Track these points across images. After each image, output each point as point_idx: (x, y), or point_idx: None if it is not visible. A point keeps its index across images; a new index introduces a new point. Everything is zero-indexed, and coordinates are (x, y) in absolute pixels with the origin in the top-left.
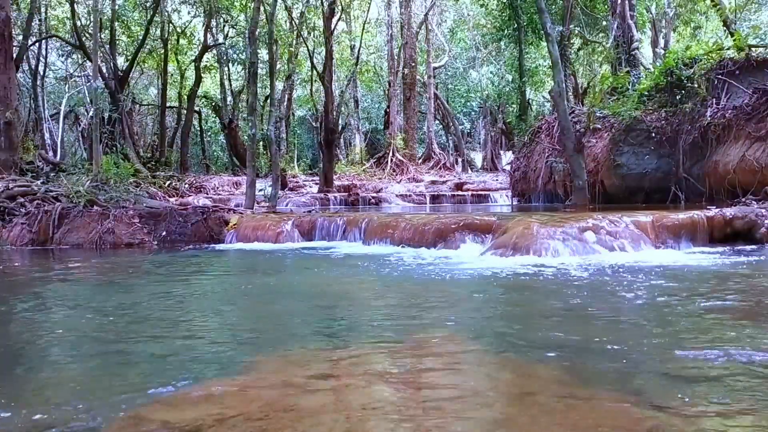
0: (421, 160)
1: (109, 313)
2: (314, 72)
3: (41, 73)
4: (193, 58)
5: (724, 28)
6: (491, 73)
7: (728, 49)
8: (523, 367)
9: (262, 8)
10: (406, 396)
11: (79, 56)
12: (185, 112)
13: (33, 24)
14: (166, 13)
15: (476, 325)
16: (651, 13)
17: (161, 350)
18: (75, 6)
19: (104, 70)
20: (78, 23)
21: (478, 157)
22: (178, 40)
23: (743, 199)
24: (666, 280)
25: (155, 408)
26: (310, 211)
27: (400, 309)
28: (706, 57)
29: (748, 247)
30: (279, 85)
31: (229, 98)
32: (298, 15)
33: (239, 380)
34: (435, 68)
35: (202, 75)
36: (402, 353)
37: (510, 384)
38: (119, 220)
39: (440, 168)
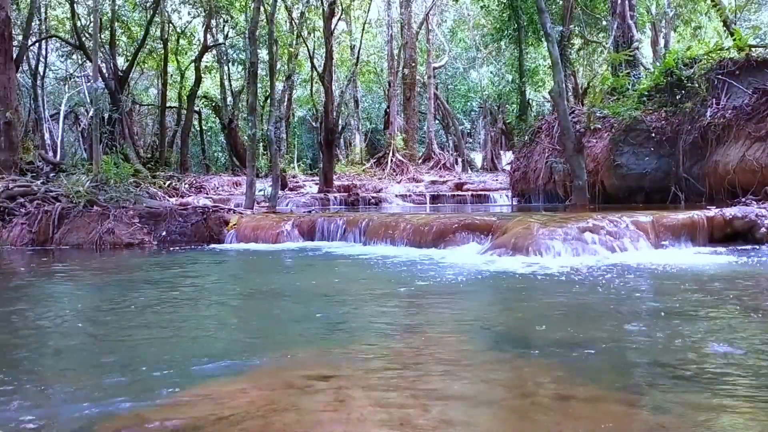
0: (421, 160)
1: (109, 314)
2: (314, 72)
3: (41, 73)
4: (193, 58)
5: (724, 28)
6: (491, 73)
7: (728, 49)
8: (523, 367)
9: (262, 8)
10: (405, 396)
11: (79, 56)
12: (185, 112)
13: (33, 24)
14: (166, 14)
15: (476, 324)
16: (651, 14)
17: (161, 350)
18: (75, 6)
19: (104, 71)
20: (78, 23)
21: (478, 157)
22: (178, 41)
23: (743, 199)
24: (666, 280)
25: (155, 408)
26: (310, 211)
27: (400, 309)
28: (706, 57)
29: (748, 247)
30: (279, 86)
31: (229, 98)
32: (298, 15)
33: (239, 380)
34: (435, 68)
35: (202, 75)
36: (401, 353)
37: (510, 384)
38: (119, 220)
39: (440, 168)
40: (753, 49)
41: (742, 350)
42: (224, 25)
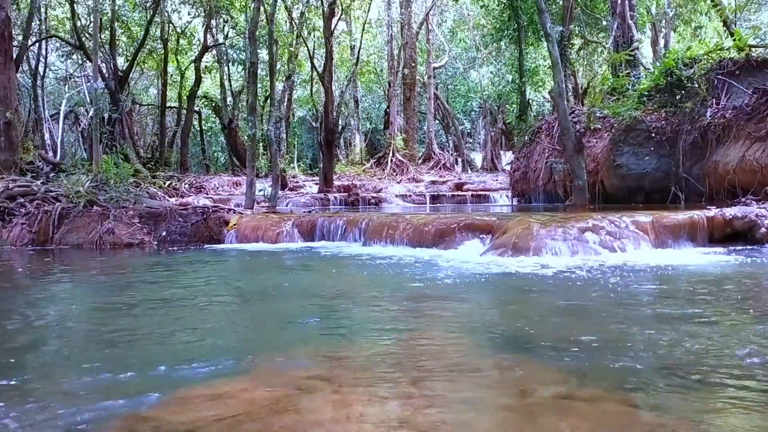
0: (421, 160)
1: (108, 313)
2: (314, 72)
3: (41, 73)
4: (193, 58)
5: (724, 28)
6: (491, 73)
7: (728, 49)
8: (523, 367)
9: (262, 8)
10: (405, 396)
11: (79, 56)
12: (185, 112)
13: (33, 24)
14: (166, 14)
15: (476, 325)
16: (651, 14)
17: (161, 350)
18: (75, 6)
19: (104, 71)
20: (78, 23)
21: (478, 157)
22: (178, 41)
23: (743, 199)
24: (666, 281)
25: (155, 408)
26: (310, 211)
27: (400, 309)
28: (706, 57)
29: (748, 247)
30: (279, 86)
31: (229, 98)
32: (298, 15)
33: (239, 380)
34: (435, 68)
35: (202, 75)
36: (401, 353)
37: (510, 384)
38: (119, 220)
39: (440, 168)
40: (753, 49)
41: (742, 350)
42: (224, 25)
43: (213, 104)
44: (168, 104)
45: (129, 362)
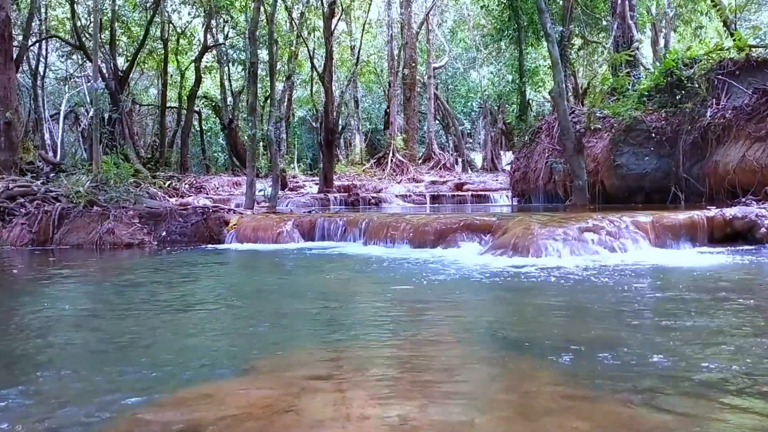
0: (421, 161)
1: (108, 314)
2: (314, 72)
3: (41, 73)
4: (193, 58)
5: (725, 28)
6: (491, 73)
7: (728, 49)
8: (523, 367)
9: (262, 8)
10: (405, 396)
11: (79, 57)
12: (185, 112)
13: (33, 24)
14: (166, 14)
15: (476, 325)
16: (651, 14)
17: (161, 351)
18: (75, 6)
19: (104, 71)
20: (78, 23)
21: (478, 158)
22: (178, 41)
23: (743, 199)
24: (666, 281)
25: (155, 408)
26: (310, 212)
27: (400, 309)
28: (706, 57)
29: (748, 247)
30: (279, 86)
31: (229, 98)
32: (298, 15)
33: (239, 380)
34: (435, 68)
35: (202, 75)
36: (401, 353)
37: (510, 384)
38: (119, 221)
39: (440, 168)
40: (753, 50)
41: (742, 350)
42: (224, 25)
43: (213, 104)
44: (168, 104)
45: (129, 362)
